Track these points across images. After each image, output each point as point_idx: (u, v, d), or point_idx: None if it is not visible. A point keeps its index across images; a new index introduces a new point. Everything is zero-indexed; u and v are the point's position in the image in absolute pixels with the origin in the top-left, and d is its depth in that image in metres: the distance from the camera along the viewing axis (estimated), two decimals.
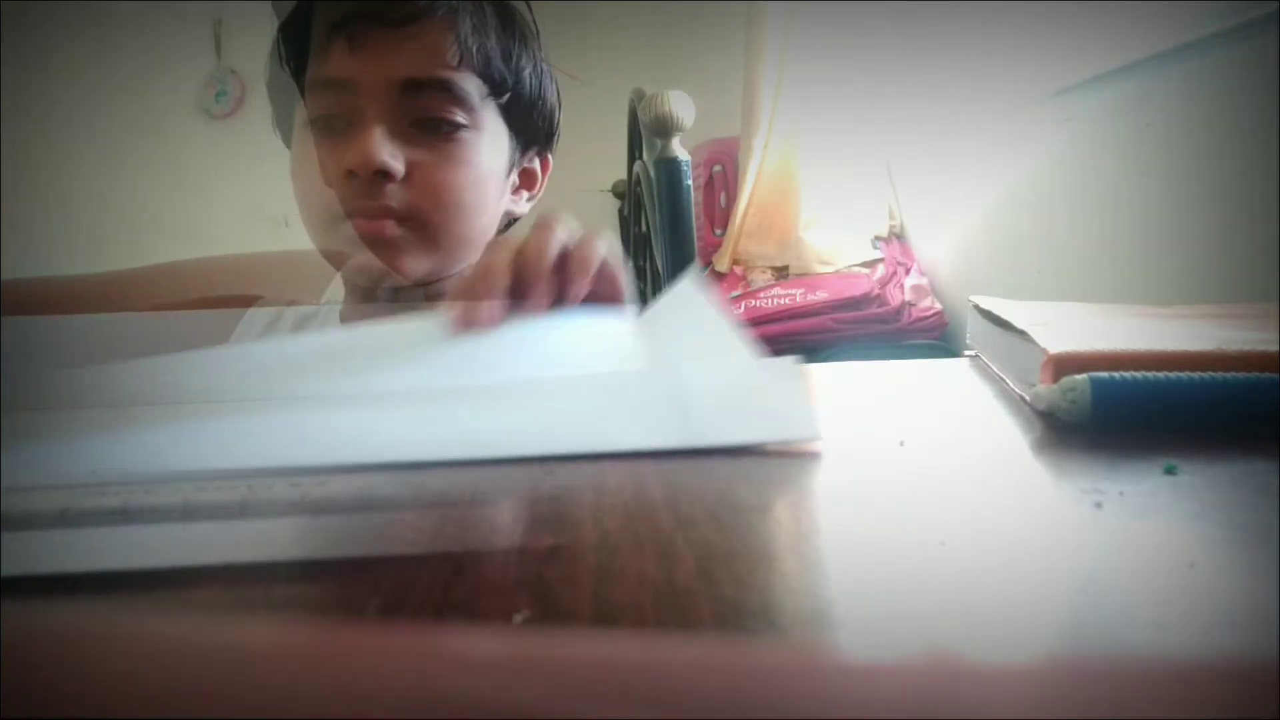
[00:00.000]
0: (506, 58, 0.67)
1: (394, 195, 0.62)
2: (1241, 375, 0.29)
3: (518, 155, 0.71)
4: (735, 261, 1.87)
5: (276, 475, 0.23)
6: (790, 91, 1.81)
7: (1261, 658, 0.13)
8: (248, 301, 0.74)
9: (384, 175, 0.61)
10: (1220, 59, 0.96)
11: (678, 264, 1.29)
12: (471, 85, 0.65)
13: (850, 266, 1.73)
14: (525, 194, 0.75)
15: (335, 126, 0.63)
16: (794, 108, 1.80)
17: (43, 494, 0.21)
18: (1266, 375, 0.29)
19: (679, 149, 1.21)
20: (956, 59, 1.61)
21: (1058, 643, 0.14)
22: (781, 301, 1.67)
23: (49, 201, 2.72)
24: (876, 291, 1.64)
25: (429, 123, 0.64)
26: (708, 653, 0.10)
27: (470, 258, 0.69)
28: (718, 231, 1.98)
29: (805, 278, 1.72)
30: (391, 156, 0.61)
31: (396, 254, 0.63)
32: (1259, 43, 0.88)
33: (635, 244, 1.70)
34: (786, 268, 1.79)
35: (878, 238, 1.78)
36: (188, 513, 0.20)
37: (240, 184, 2.80)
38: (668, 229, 1.89)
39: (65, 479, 0.24)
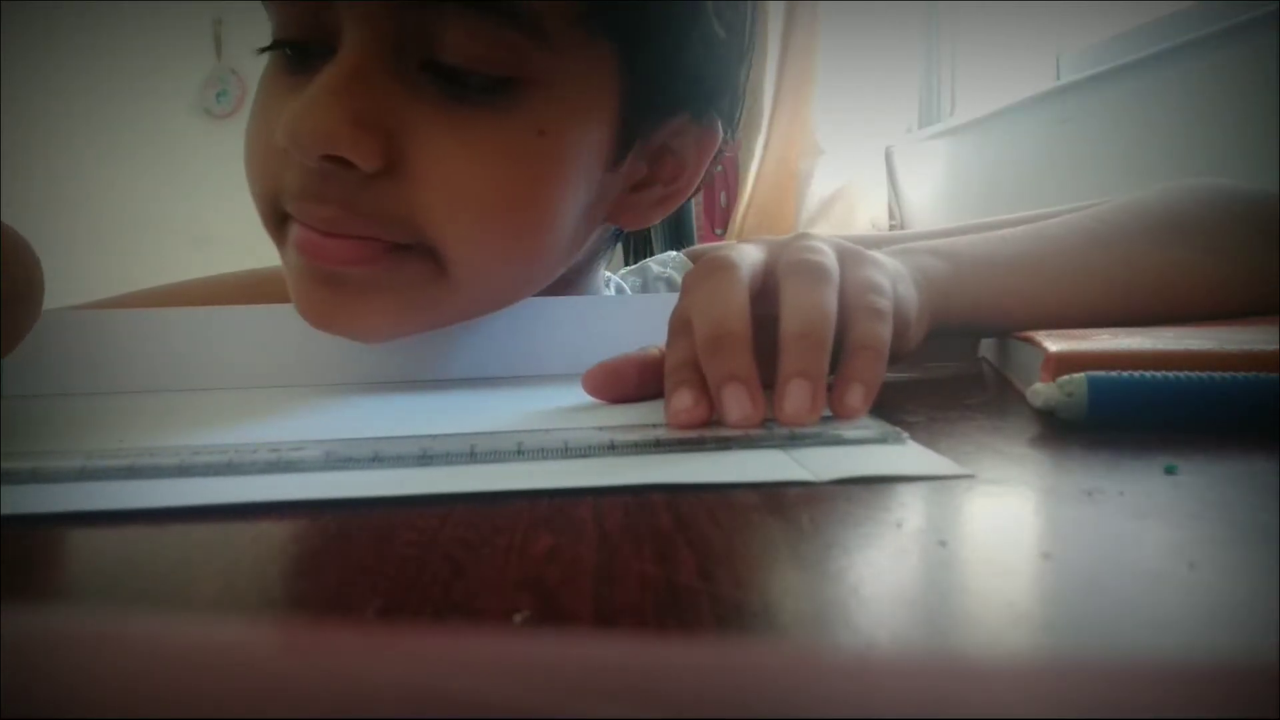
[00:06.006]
0: None
1: (373, 194, 0.35)
2: (1241, 375, 0.29)
3: (639, 122, 0.40)
4: None
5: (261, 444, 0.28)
6: (790, 90, 1.81)
7: (1261, 658, 0.13)
8: None
9: (337, 164, 0.34)
10: (1220, 59, 0.96)
11: None
12: None
13: None
14: (659, 187, 0.43)
15: (307, 59, 0.37)
16: (794, 106, 1.80)
17: (66, 455, 0.26)
18: (1266, 375, 0.29)
19: None
20: (954, 56, 1.61)
21: (1057, 643, 0.14)
22: None
23: (49, 201, 2.72)
24: None
25: (452, 71, 0.35)
26: (708, 653, 0.10)
27: (528, 291, 0.42)
28: (718, 231, 1.99)
29: None
30: (360, 127, 0.34)
31: (354, 300, 0.37)
32: (1259, 43, 0.88)
33: (635, 244, 1.70)
34: None
35: None
36: (183, 470, 0.25)
37: (240, 184, 2.80)
38: (668, 229, 1.89)
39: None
